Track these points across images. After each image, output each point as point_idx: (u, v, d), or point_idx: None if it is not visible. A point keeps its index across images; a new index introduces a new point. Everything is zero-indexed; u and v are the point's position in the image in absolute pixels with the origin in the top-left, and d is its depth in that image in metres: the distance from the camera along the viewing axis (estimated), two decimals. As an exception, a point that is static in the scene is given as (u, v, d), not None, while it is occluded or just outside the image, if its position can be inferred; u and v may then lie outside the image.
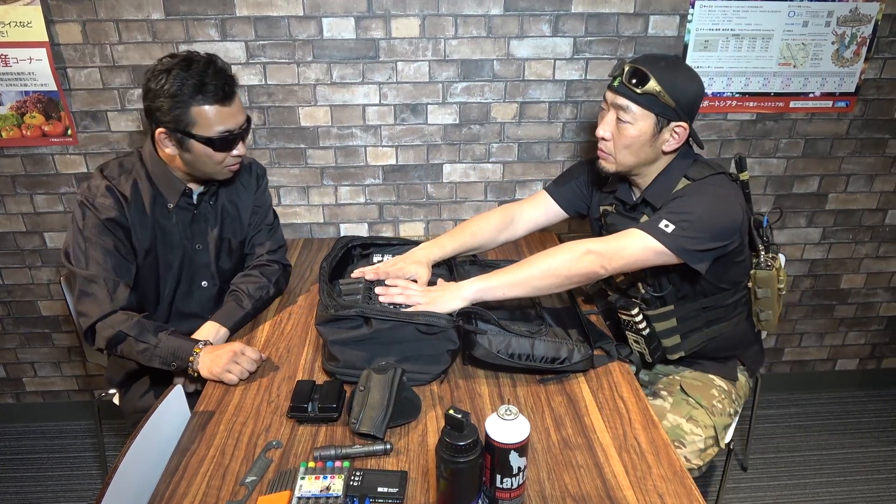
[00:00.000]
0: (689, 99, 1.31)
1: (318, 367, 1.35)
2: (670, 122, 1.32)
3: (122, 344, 1.35)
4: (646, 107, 1.30)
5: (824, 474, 2.10)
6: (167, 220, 1.46)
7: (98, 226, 1.37)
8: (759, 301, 1.48)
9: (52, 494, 2.03)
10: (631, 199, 1.47)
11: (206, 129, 1.32)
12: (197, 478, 1.05)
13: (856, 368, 2.49)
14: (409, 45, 1.84)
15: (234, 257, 1.60)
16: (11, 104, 1.83)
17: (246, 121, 1.40)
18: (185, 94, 1.28)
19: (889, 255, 2.27)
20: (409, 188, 2.04)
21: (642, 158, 1.37)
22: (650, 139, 1.34)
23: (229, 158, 1.39)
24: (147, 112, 1.34)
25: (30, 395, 2.31)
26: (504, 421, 0.90)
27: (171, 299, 1.52)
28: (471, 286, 1.30)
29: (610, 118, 1.36)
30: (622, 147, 1.36)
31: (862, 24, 1.89)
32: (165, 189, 1.43)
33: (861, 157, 2.10)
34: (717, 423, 1.43)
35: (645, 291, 1.42)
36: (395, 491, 0.99)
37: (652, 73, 1.28)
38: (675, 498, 1.00)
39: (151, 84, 1.30)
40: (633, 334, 1.45)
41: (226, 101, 1.33)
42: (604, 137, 1.38)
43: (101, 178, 1.40)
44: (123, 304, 1.36)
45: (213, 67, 1.31)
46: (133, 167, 1.43)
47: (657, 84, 1.28)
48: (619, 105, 1.33)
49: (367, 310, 1.23)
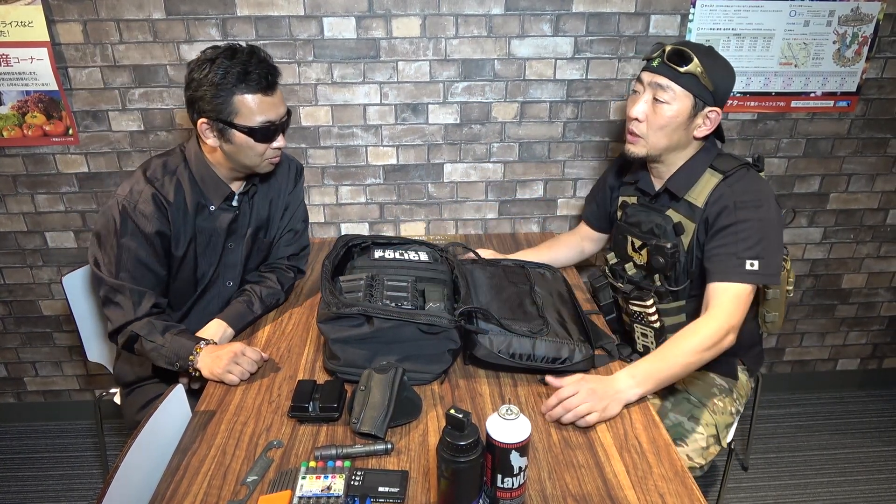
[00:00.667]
0: (725, 86, 1.33)
1: (318, 366, 1.35)
2: (706, 105, 1.33)
3: (136, 344, 1.36)
4: (686, 87, 1.31)
5: (825, 474, 2.10)
6: (207, 222, 1.45)
7: (136, 235, 1.35)
8: (768, 303, 1.48)
9: (53, 494, 2.04)
10: (652, 190, 1.47)
11: (247, 118, 1.31)
12: (198, 477, 1.05)
13: (857, 368, 2.49)
14: (410, 45, 1.84)
15: (262, 257, 1.60)
16: (13, 104, 1.83)
17: (287, 113, 1.39)
18: (228, 82, 1.28)
19: (890, 254, 2.27)
20: (410, 188, 2.04)
21: (674, 142, 1.37)
22: (685, 121, 1.34)
23: (270, 151, 1.38)
24: (189, 103, 1.33)
25: (31, 395, 2.31)
26: (505, 421, 0.90)
27: (198, 298, 1.52)
28: (633, 391, 1.19)
29: (645, 99, 1.36)
30: (657, 128, 1.35)
31: (863, 23, 1.89)
32: (210, 191, 1.42)
33: (862, 156, 2.10)
34: (719, 422, 1.44)
35: (661, 284, 1.42)
36: (396, 491, 0.99)
37: (694, 54, 1.29)
38: (676, 497, 1.00)
39: (195, 74, 1.30)
40: (643, 327, 1.45)
41: (268, 91, 1.32)
42: (637, 118, 1.37)
43: (145, 181, 1.37)
44: (147, 313, 1.36)
45: (256, 57, 1.31)
46: (177, 168, 1.41)
47: (699, 65, 1.29)
48: (658, 84, 1.33)
49: (368, 308, 1.22)
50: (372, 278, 1.35)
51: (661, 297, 1.42)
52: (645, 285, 1.45)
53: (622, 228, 1.53)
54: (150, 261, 1.38)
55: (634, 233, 1.48)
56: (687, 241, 1.40)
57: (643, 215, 1.46)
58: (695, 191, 1.39)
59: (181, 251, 1.42)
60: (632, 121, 1.39)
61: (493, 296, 1.42)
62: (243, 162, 1.39)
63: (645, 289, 1.44)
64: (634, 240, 1.49)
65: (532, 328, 1.30)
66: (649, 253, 1.43)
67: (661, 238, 1.41)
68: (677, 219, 1.41)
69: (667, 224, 1.41)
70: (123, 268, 1.35)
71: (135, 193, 1.36)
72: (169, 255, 1.42)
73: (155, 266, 1.39)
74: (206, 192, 1.43)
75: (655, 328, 1.43)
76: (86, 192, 1.97)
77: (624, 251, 1.53)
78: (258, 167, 1.42)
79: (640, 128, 1.38)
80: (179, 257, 1.43)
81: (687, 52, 1.30)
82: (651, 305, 1.41)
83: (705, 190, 1.38)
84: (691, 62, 1.29)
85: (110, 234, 1.35)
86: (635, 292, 1.44)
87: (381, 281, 1.34)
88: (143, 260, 1.37)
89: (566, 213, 2.11)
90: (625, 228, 1.51)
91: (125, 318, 1.35)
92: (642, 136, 1.38)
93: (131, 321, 1.35)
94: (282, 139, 1.40)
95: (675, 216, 1.42)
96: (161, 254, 1.40)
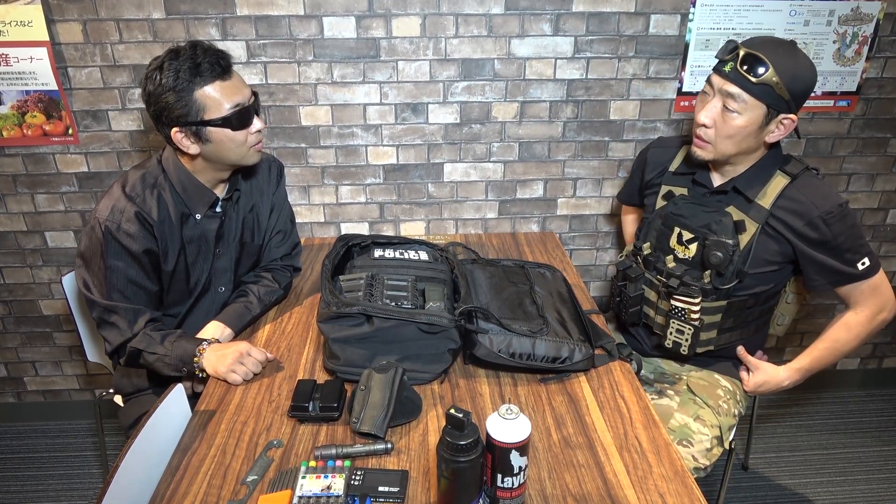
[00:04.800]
0: (802, 90, 1.25)
1: (318, 366, 1.35)
2: (779, 113, 1.27)
3: (139, 358, 1.35)
4: (758, 97, 1.23)
5: (825, 474, 2.10)
6: (194, 231, 1.42)
7: (122, 255, 1.31)
8: (789, 305, 1.48)
9: (53, 493, 2.04)
10: (711, 185, 1.42)
11: (216, 110, 1.28)
12: (198, 477, 1.05)
13: (857, 368, 2.49)
14: (410, 45, 1.84)
15: (253, 261, 1.58)
16: (12, 103, 1.83)
17: (253, 94, 1.36)
18: (183, 80, 1.25)
19: (890, 254, 2.27)
20: (410, 187, 2.04)
21: (743, 148, 1.32)
22: (756, 130, 1.28)
23: (251, 137, 1.35)
24: (156, 118, 1.30)
25: (31, 395, 2.31)
26: (505, 420, 0.90)
27: (191, 307, 1.50)
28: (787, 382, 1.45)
29: (714, 105, 1.29)
30: (725, 137, 1.30)
31: (863, 22, 1.89)
32: (193, 200, 1.39)
33: (862, 156, 2.10)
34: (723, 424, 1.43)
35: (708, 281, 1.37)
36: (396, 490, 0.99)
37: (771, 61, 1.20)
38: (676, 497, 1.00)
39: (149, 87, 1.27)
40: (681, 323, 1.40)
41: (225, 76, 1.29)
42: (705, 125, 1.31)
43: (125, 199, 1.32)
44: (142, 328, 1.35)
45: (200, 48, 1.28)
46: (157, 180, 1.37)
47: (775, 74, 1.20)
48: (728, 92, 1.25)
49: (368, 308, 1.22)
50: (372, 278, 1.35)
51: (706, 295, 1.37)
52: (688, 280, 1.39)
53: (670, 220, 1.45)
54: (141, 278, 1.35)
55: (686, 225, 1.41)
56: (745, 240, 1.35)
57: (697, 209, 1.40)
58: (762, 191, 1.35)
59: (171, 265, 1.40)
60: (699, 126, 1.33)
61: (493, 295, 1.42)
62: (229, 158, 1.35)
63: (691, 284, 1.38)
64: (684, 232, 1.41)
65: (532, 328, 1.30)
66: (704, 248, 1.37)
67: (721, 234, 1.36)
68: (738, 217, 1.36)
69: (727, 221, 1.36)
70: (114, 288, 1.32)
71: (116, 213, 1.30)
72: (159, 270, 1.39)
73: (146, 283, 1.37)
74: (189, 201, 1.39)
75: (695, 326, 1.39)
76: (86, 191, 1.97)
77: (665, 243, 1.46)
78: (245, 158, 1.38)
79: (708, 134, 1.32)
80: (170, 271, 1.40)
81: (761, 58, 1.20)
82: (698, 303, 1.36)
83: (774, 191, 1.34)
84: (767, 71, 1.20)
85: (96, 256, 1.32)
86: (682, 287, 1.39)
87: (381, 280, 1.34)
88: (133, 278, 1.34)
89: (566, 212, 2.11)
90: (673, 220, 1.44)
91: (122, 338, 1.33)
92: (710, 141, 1.32)
93: (129, 339, 1.34)
94: (258, 121, 1.36)
95: (737, 214, 1.37)
96: (151, 270, 1.37)
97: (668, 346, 1.47)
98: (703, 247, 1.38)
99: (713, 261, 1.35)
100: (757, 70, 1.21)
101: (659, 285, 1.46)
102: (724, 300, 1.39)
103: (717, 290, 1.38)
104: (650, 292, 1.50)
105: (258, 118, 1.36)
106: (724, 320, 1.41)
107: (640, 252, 1.52)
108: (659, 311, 1.49)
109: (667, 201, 1.49)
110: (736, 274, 1.37)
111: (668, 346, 1.47)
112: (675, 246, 1.45)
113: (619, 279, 1.56)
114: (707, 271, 1.38)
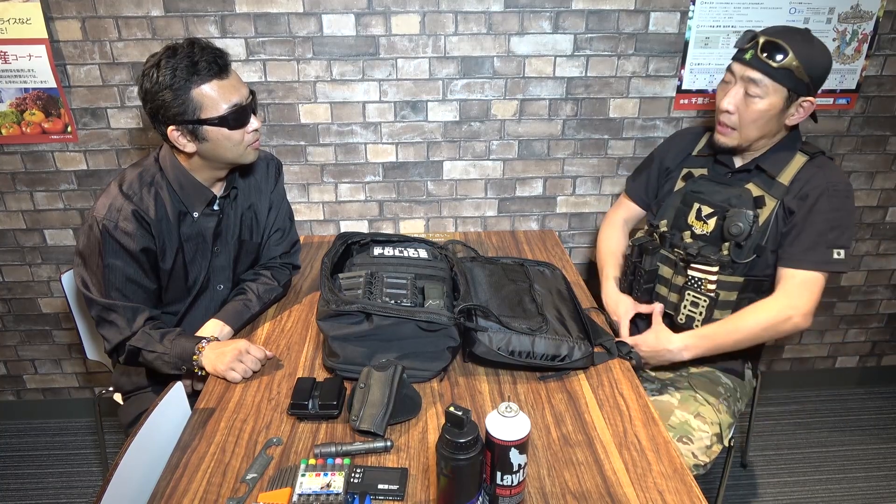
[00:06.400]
0: (820, 73, 1.32)
1: (318, 364, 1.35)
2: (799, 96, 1.32)
3: (139, 357, 1.35)
4: (780, 81, 1.30)
5: (824, 471, 2.10)
6: (192, 229, 1.42)
7: (120, 253, 1.31)
8: None
9: (52, 491, 2.04)
10: (733, 165, 1.46)
11: (213, 109, 1.27)
12: (198, 475, 1.05)
13: (856, 366, 2.49)
14: (410, 42, 1.84)
15: (251, 259, 1.58)
16: (11, 101, 1.82)
17: (250, 93, 1.35)
18: (180, 78, 1.24)
19: (889, 252, 2.27)
20: (410, 185, 2.04)
21: (766, 132, 1.38)
22: (778, 114, 1.34)
23: (247, 136, 1.34)
24: (152, 117, 1.29)
25: (30, 393, 2.31)
26: (504, 418, 0.90)
27: (190, 305, 1.49)
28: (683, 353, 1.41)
29: (736, 91, 1.35)
30: (749, 122, 1.35)
31: (863, 20, 1.89)
32: (190, 198, 1.39)
33: (862, 154, 2.10)
34: (723, 421, 1.43)
35: (727, 254, 1.41)
36: (396, 488, 0.99)
37: (790, 46, 1.27)
38: (676, 495, 1.00)
39: (146, 85, 1.26)
40: (697, 295, 1.43)
41: (222, 75, 1.28)
42: (728, 110, 1.36)
43: (123, 198, 1.31)
44: (141, 326, 1.34)
45: (198, 46, 1.26)
46: (154, 178, 1.36)
47: (795, 59, 1.27)
48: (750, 78, 1.32)
49: (368, 305, 1.22)
50: (371, 275, 1.35)
51: (723, 268, 1.41)
52: (705, 252, 1.43)
53: (689, 197, 1.49)
54: (139, 277, 1.35)
55: (706, 200, 1.46)
56: (764, 216, 1.39)
57: (717, 186, 1.45)
58: (784, 169, 1.40)
59: (169, 263, 1.39)
60: (722, 112, 1.38)
61: (492, 293, 1.42)
62: (225, 156, 1.35)
63: (710, 256, 1.42)
64: (704, 207, 1.46)
65: (531, 326, 1.30)
66: (724, 220, 1.41)
67: (741, 206, 1.40)
68: (758, 192, 1.41)
69: (747, 195, 1.41)
70: (112, 287, 1.32)
71: (113, 211, 1.30)
72: (157, 268, 1.39)
73: (144, 281, 1.36)
74: (186, 199, 1.39)
75: (711, 297, 1.41)
76: (84, 189, 1.96)
77: (683, 220, 1.50)
78: (241, 157, 1.37)
79: (732, 119, 1.37)
80: (168, 269, 1.40)
81: (781, 44, 1.27)
82: (714, 272, 1.40)
83: (793, 169, 1.39)
84: (787, 56, 1.26)
85: (94, 255, 1.32)
86: (700, 256, 1.42)
87: (381, 278, 1.34)
88: (132, 277, 1.34)
89: (565, 210, 2.11)
90: (692, 196, 1.49)
91: (121, 336, 1.33)
92: (734, 127, 1.38)
93: (128, 338, 1.33)
94: (255, 121, 1.35)
95: (756, 190, 1.41)
96: (149, 268, 1.37)
97: (681, 322, 1.48)
98: (723, 219, 1.42)
99: (733, 231, 1.38)
100: (777, 55, 1.28)
101: (676, 259, 1.49)
102: (741, 277, 1.41)
103: (735, 263, 1.40)
104: (665, 269, 1.52)
105: (255, 117, 1.36)
106: (740, 300, 1.42)
107: (656, 229, 1.55)
108: (673, 287, 1.50)
109: (685, 182, 1.53)
110: (754, 249, 1.39)
111: (681, 321, 1.48)
112: (693, 222, 1.48)
113: (634, 255, 1.57)
114: (726, 243, 1.41)
